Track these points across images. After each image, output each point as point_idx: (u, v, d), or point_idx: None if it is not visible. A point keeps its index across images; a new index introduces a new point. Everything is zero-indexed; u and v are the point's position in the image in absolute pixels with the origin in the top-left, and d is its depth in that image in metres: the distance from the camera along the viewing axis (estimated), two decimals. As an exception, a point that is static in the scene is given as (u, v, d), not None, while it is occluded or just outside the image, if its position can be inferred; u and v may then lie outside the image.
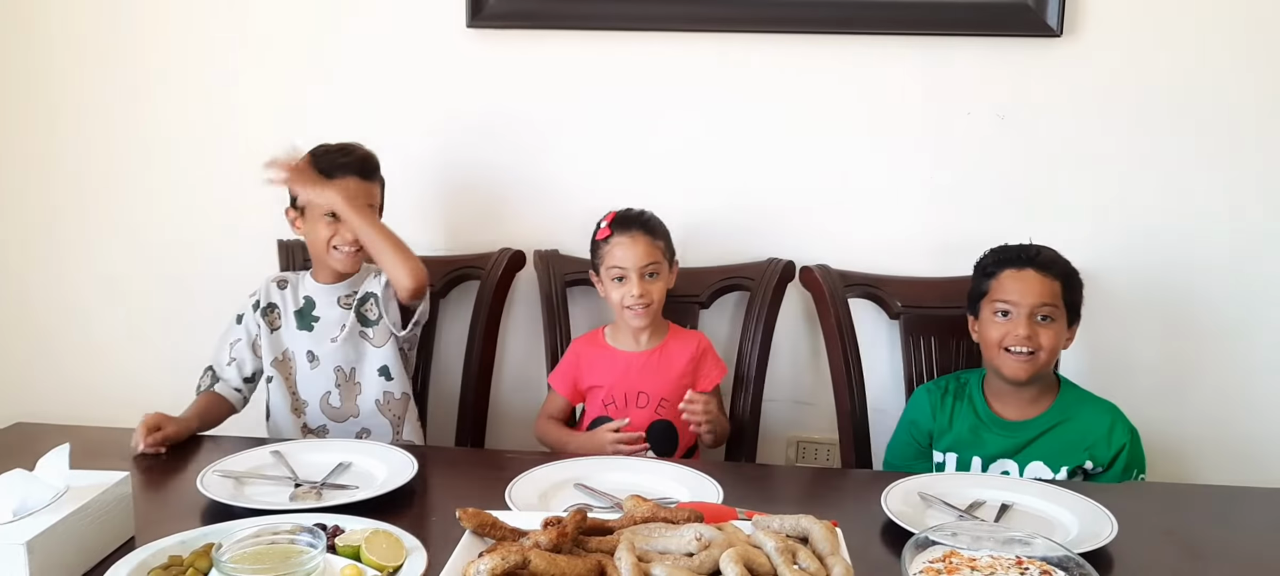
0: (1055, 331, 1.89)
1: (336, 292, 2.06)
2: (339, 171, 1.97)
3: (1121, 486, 1.79)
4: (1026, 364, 1.87)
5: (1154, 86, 2.18)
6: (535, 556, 1.15)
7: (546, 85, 2.31)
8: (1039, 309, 1.87)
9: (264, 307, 2.06)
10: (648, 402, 2.10)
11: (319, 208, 1.97)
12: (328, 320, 2.05)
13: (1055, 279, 1.90)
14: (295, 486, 1.59)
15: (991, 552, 1.28)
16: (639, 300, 2.03)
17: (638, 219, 2.08)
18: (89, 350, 2.54)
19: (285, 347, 2.06)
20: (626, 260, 2.03)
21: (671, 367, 2.11)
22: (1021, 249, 1.94)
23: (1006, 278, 1.92)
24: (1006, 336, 1.88)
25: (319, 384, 2.04)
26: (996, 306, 1.91)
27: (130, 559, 1.24)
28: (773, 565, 1.19)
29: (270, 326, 2.06)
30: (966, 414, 1.96)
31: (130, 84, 2.41)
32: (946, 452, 1.95)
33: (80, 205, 2.48)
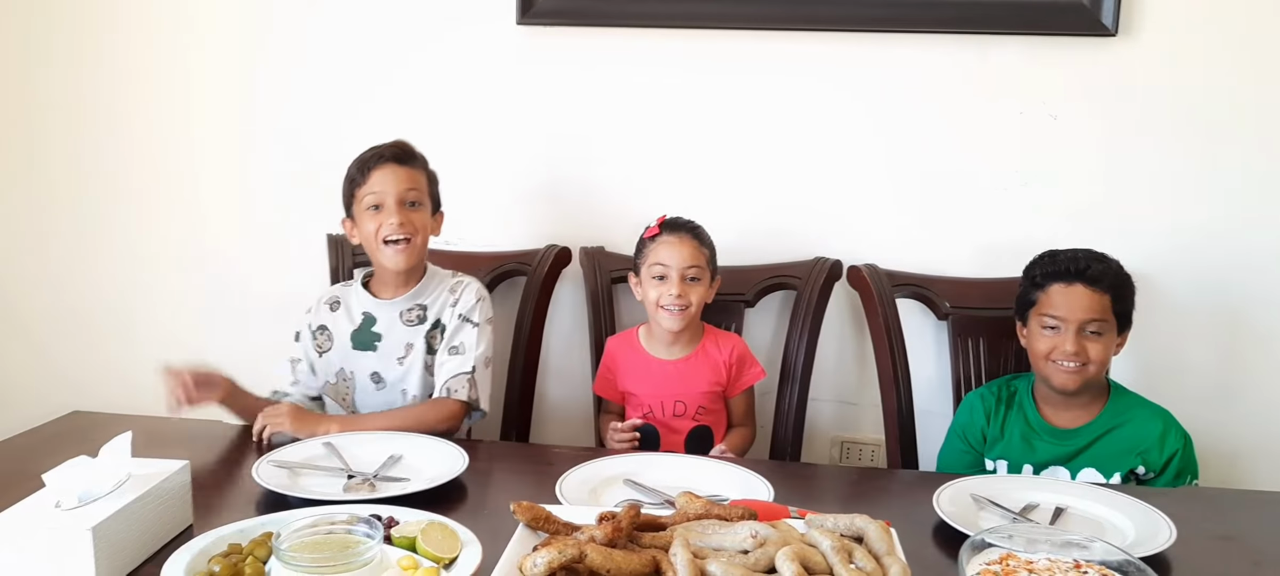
0: (1104, 343, 1.86)
1: (398, 307, 2.00)
2: (374, 163, 1.94)
3: (1177, 491, 1.76)
4: (1075, 376, 1.85)
5: (1210, 87, 2.15)
6: (592, 551, 1.15)
7: (595, 82, 2.32)
8: (1088, 324, 1.85)
9: (317, 329, 2.03)
10: (685, 411, 2.09)
11: (362, 207, 1.94)
12: (390, 338, 2.00)
13: (1104, 292, 1.87)
14: (348, 477, 1.60)
15: (1049, 555, 1.26)
16: (676, 301, 2.02)
17: (687, 224, 2.07)
18: (140, 341, 2.58)
19: (341, 368, 2.02)
20: (670, 259, 2.03)
21: (708, 373, 2.11)
22: (1071, 260, 1.90)
23: (1055, 292, 1.89)
24: (1054, 350, 1.86)
25: (383, 406, 1.99)
26: (1045, 320, 1.89)
27: (191, 546, 1.26)
28: (829, 564, 1.18)
29: (320, 349, 2.02)
30: (1017, 421, 1.94)
31: (187, 82, 2.45)
32: (998, 460, 1.93)
33: (133, 200, 2.53)
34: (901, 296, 2.22)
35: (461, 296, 2.01)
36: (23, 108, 2.52)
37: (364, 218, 1.95)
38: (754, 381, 2.13)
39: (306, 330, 2.04)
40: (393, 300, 2.01)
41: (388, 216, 1.92)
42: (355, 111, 2.39)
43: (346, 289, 2.07)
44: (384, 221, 1.92)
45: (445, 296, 2.02)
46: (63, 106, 2.50)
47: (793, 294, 2.26)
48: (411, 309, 2.01)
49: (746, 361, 2.13)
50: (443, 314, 2.01)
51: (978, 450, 1.97)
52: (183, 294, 2.55)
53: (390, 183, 1.93)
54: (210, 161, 2.48)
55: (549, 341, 2.38)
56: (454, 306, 2.00)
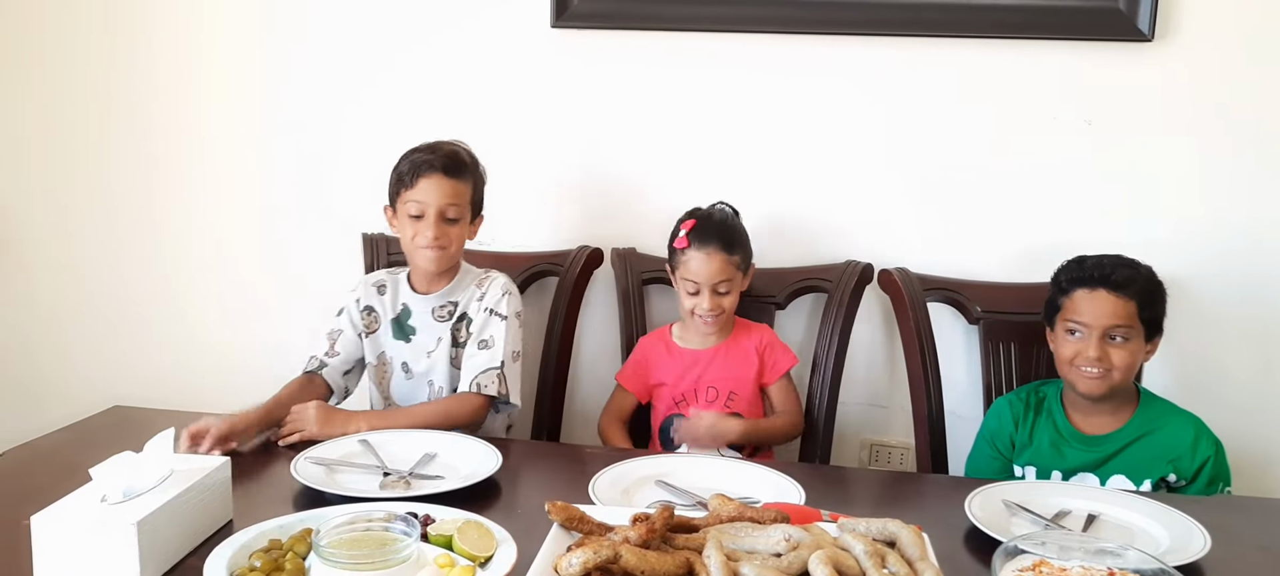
0: (1129, 350, 1.84)
1: (432, 303, 2.04)
2: (423, 170, 1.94)
3: (1211, 499, 1.75)
4: (1098, 382, 1.84)
5: (1246, 93, 2.13)
6: (626, 551, 1.17)
7: (628, 85, 2.33)
8: (1111, 330, 1.83)
9: (364, 309, 2.06)
10: (717, 396, 2.11)
11: (405, 208, 1.96)
12: (423, 332, 2.04)
13: (1130, 299, 1.84)
14: (384, 475, 1.62)
15: (1082, 563, 1.26)
16: (709, 313, 2.06)
17: (717, 231, 2.07)
18: (180, 337, 2.62)
19: (382, 351, 2.07)
20: (700, 275, 2.05)
21: (740, 361, 2.13)
22: (1097, 266, 1.88)
23: (1079, 297, 1.87)
24: (1078, 356, 1.85)
25: (413, 394, 2.05)
26: (1069, 325, 1.88)
27: (233, 541, 1.28)
28: (861, 568, 1.19)
29: (368, 329, 2.06)
30: (1046, 428, 1.93)
31: (223, 81, 2.49)
32: (1026, 467, 1.92)
33: (163, 195, 2.57)
34: (933, 300, 2.21)
35: (488, 290, 2.03)
36: (48, 108, 2.58)
37: (404, 219, 1.98)
38: (788, 366, 2.14)
39: (354, 305, 2.06)
40: (428, 295, 2.04)
41: (425, 228, 1.94)
42: (392, 113, 2.41)
43: (392, 276, 2.10)
44: (421, 231, 1.95)
45: (473, 290, 2.04)
46: (88, 106, 2.55)
47: (824, 296, 2.26)
48: (444, 305, 2.04)
49: (777, 347, 2.15)
50: (469, 307, 2.03)
51: (1006, 457, 1.96)
52: (213, 288, 2.59)
53: (434, 195, 1.94)
54: (243, 158, 2.52)
55: (581, 342, 2.40)
56: (480, 300, 2.02)
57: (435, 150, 1.98)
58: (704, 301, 2.05)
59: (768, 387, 2.15)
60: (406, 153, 2.00)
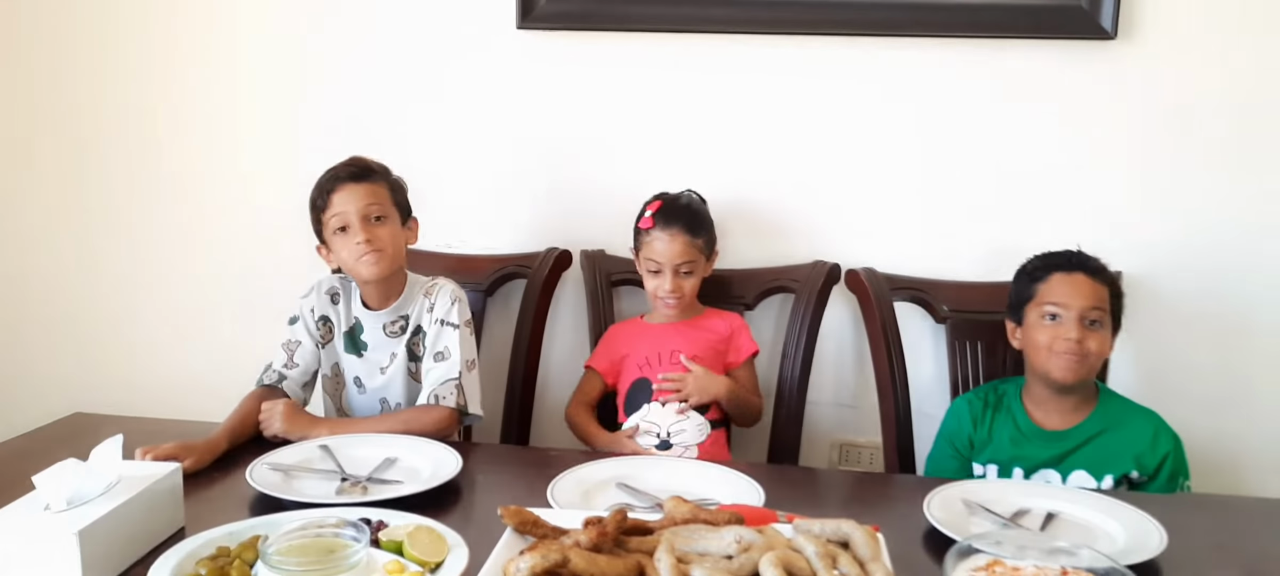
0: (1103, 337, 1.86)
1: (382, 319, 2.00)
2: (332, 185, 1.92)
3: (1170, 497, 1.75)
4: (1077, 365, 1.84)
5: (1209, 90, 2.14)
6: (575, 555, 1.16)
7: (595, 86, 2.32)
8: (1089, 311, 1.85)
9: (319, 318, 2.02)
10: (680, 363, 2.12)
11: (330, 231, 1.93)
12: (376, 348, 2.01)
13: (1104, 284, 1.88)
14: (342, 480, 1.61)
15: (1036, 562, 1.26)
16: (670, 294, 2.09)
17: (682, 213, 2.09)
18: (142, 344, 2.60)
19: (336, 362, 2.04)
20: (663, 256, 2.07)
21: (708, 337, 2.15)
22: (1068, 253, 1.92)
23: (1056, 281, 1.89)
24: (1056, 339, 1.85)
25: (365, 408, 2.03)
26: (1045, 310, 1.88)
27: (179, 549, 1.26)
28: (813, 569, 1.18)
29: (323, 339, 2.02)
30: (1006, 425, 1.93)
31: (181, 88, 2.47)
32: (987, 464, 1.92)
33: (132, 202, 2.55)
34: (900, 299, 2.21)
35: (437, 300, 2.00)
36: (14, 113, 2.55)
37: (335, 242, 1.93)
38: (751, 353, 2.16)
39: (309, 314, 2.02)
40: (379, 312, 2.00)
41: (354, 234, 1.90)
42: (356, 117, 2.40)
43: (345, 284, 2.05)
44: (349, 241, 1.91)
45: (421, 301, 2.01)
46: (45, 116, 2.53)
47: (791, 297, 2.26)
48: (395, 321, 2.01)
49: (744, 332, 2.18)
50: (421, 319, 2.00)
51: (965, 456, 1.96)
52: (177, 295, 2.57)
53: (351, 202, 1.91)
54: (206, 164, 2.50)
55: (550, 344, 2.39)
56: (431, 311, 1.99)
57: (340, 165, 1.96)
58: (665, 282, 2.07)
59: (732, 370, 2.16)
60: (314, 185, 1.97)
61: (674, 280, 2.08)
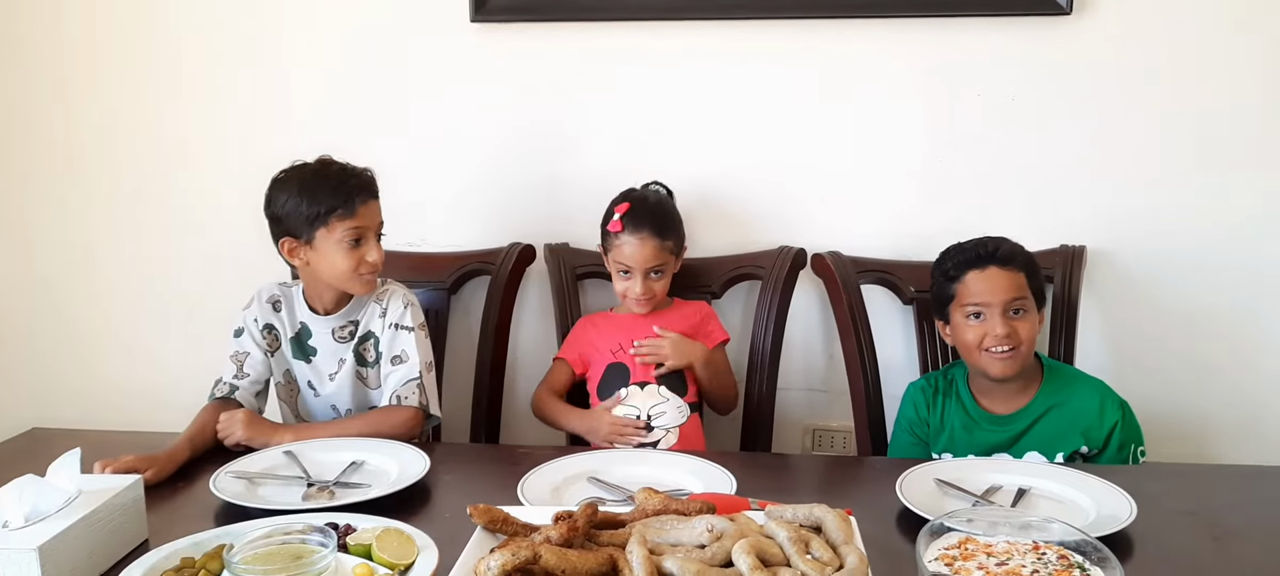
0: (1029, 322, 1.86)
1: (331, 324, 1.97)
2: (362, 196, 1.87)
3: (1140, 468, 1.76)
4: (1010, 360, 1.84)
5: (1164, 65, 2.15)
6: (546, 551, 1.15)
7: (552, 78, 2.30)
8: (1011, 304, 1.84)
9: (264, 327, 1.99)
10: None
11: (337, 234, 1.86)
12: (325, 353, 1.98)
13: (1018, 271, 1.87)
14: (308, 486, 1.59)
15: (1008, 538, 1.26)
16: (641, 296, 2.07)
17: (651, 216, 2.07)
18: (102, 358, 2.55)
19: (287, 369, 2.01)
20: (633, 260, 2.05)
21: (678, 321, 2.14)
22: (978, 246, 1.90)
23: (971, 279, 1.88)
24: (985, 338, 1.84)
25: (320, 414, 2.01)
26: (968, 309, 1.87)
27: (142, 562, 1.24)
28: (785, 555, 1.18)
29: (270, 348, 1.99)
30: (956, 411, 1.94)
31: (137, 89, 2.42)
32: (943, 453, 1.92)
33: (84, 215, 2.50)
34: (866, 282, 2.22)
35: (389, 305, 1.97)
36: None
37: (334, 247, 1.87)
38: (722, 339, 2.15)
39: (253, 325, 1.99)
40: (327, 317, 1.97)
41: (370, 251, 1.88)
42: (310, 116, 2.36)
43: (285, 291, 2.02)
44: (365, 255, 1.88)
45: (372, 306, 1.98)
46: (7, 118, 2.47)
47: (758, 284, 2.25)
48: (344, 326, 1.98)
49: (713, 320, 2.18)
50: (371, 325, 1.97)
51: (924, 441, 1.97)
52: (141, 306, 2.52)
53: (371, 217, 1.89)
54: (163, 170, 2.45)
55: (516, 340, 2.37)
56: (383, 316, 1.97)
57: (353, 174, 1.90)
58: (636, 285, 2.06)
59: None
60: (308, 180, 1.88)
61: (644, 283, 2.06)
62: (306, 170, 1.89)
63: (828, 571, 1.14)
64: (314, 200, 1.86)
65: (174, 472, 1.68)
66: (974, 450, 1.89)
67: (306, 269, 1.92)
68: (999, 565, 1.20)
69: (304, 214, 1.86)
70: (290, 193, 1.87)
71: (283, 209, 1.88)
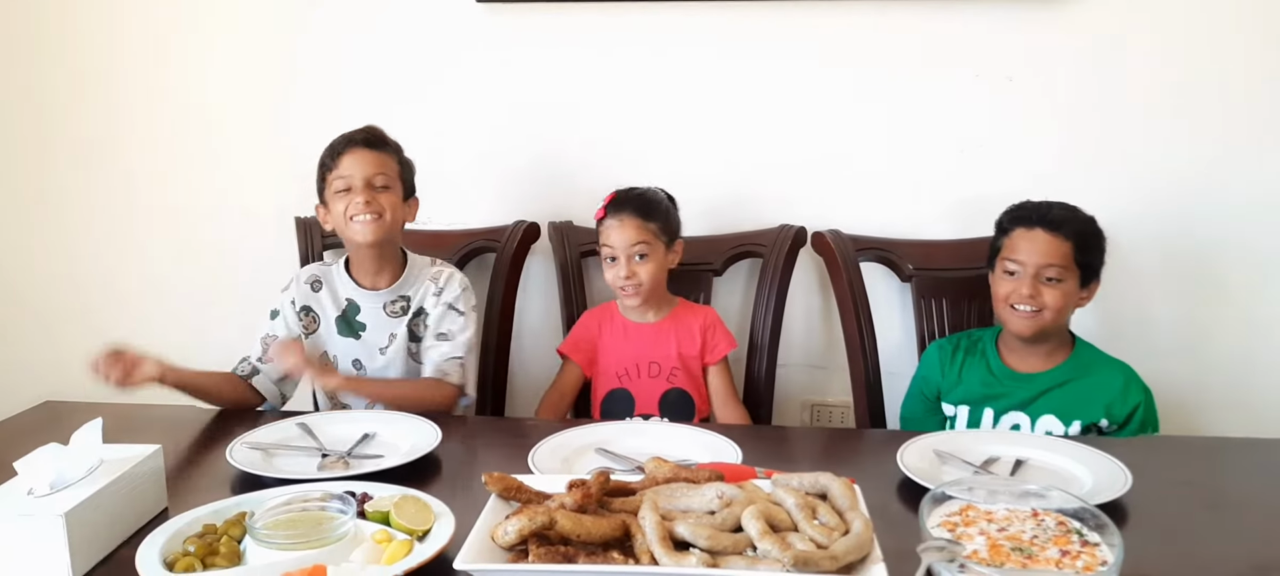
0: (1062, 291, 1.88)
1: (382, 298, 2.01)
2: (344, 147, 1.95)
3: (1135, 440, 1.80)
4: (1030, 321, 1.88)
5: (1161, 46, 2.18)
6: (561, 517, 1.18)
7: (558, 58, 2.33)
8: (1045, 269, 1.87)
9: (301, 309, 2.02)
10: (659, 372, 2.13)
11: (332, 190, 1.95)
12: (375, 328, 2.01)
13: (1066, 239, 1.88)
14: (323, 456, 1.62)
15: (1008, 505, 1.30)
16: (626, 281, 2.06)
17: (633, 199, 2.08)
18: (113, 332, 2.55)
19: (325, 350, 2.03)
20: (616, 242, 2.06)
21: (683, 338, 2.14)
22: (1037, 206, 1.94)
23: (1017, 236, 1.92)
24: (1012, 294, 1.89)
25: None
26: (1006, 264, 1.92)
27: (166, 528, 1.27)
28: (793, 520, 1.21)
29: (307, 330, 2.01)
30: (979, 368, 1.97)
31: (145, 69, 2.45)
32: (958, 405, 1.96)
33: (97, 189, 2.52)
34: (865, 260, 2.25)
35: (445, 286, 2.03)
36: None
37: (335, 201, 1.96)
38: (728, 349, 2.16)
39: (289, 307, 2.02)
40: (377, 291, 2.01)
41: (355, 197, 1.93)
42: (320, 96, 2.39)
43: (327, 270, 2.05)
44: (351, 201, 1.93)
45: (427, 285, 2.03)
46: (17, 94, 2.49)
47: (759, 262, 2.28)
48: (395, 300, 2.02)
49: (719, 328, 2.16)
50: (425, 302, 2.02)
51: (931, 398, 2.01)
52: (146, 281, 2.55)
53: (358, 166, 1.94)
54: (173, 147, 2.47)
55: (521, 317, 2.40)
56: (438, 295, 2.02)
57: (353, 131, 1.99)
58: (620, 269, 2.06)
59: (708, 367, 2.16)
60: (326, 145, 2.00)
61: (628, 266, 2.05)
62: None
63: (835, 536, 1.17)
64: (321, 164, 1.98)
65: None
66: (991, 405, 1.93)
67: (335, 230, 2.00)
68: (1000, 531, 1.23)
69: (319, 175, 1.99)
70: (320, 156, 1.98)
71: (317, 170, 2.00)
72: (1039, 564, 1.15)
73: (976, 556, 1.16)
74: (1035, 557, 1.16)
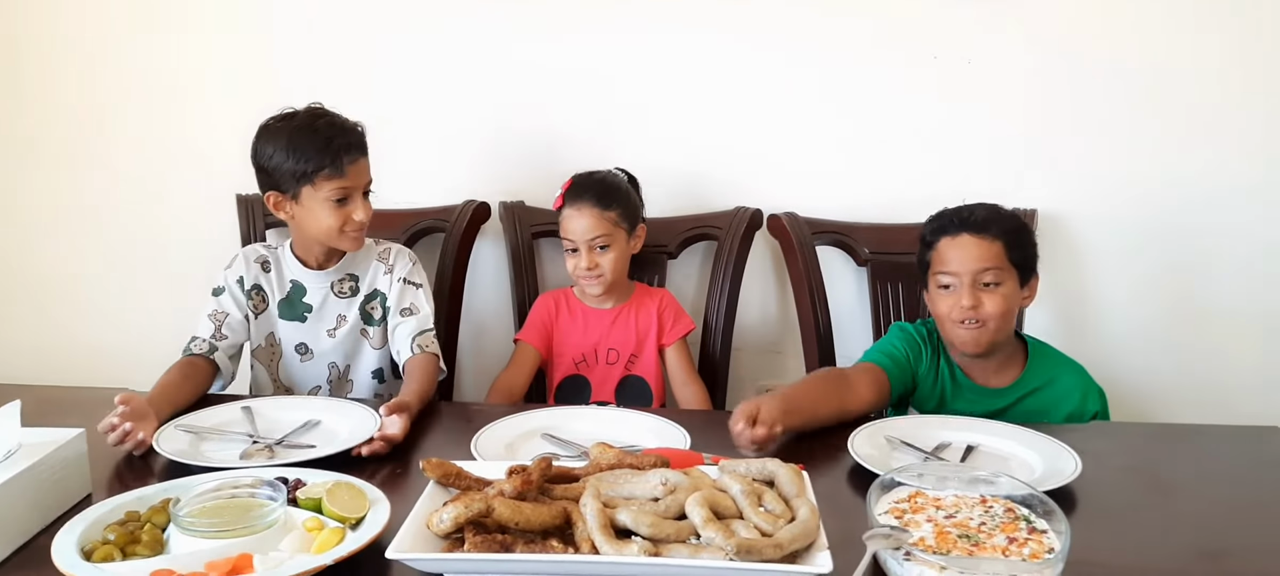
0: (1002, 296, 1.76)
1: (328, 277, 1.94)
2: (349, 156, 1.81)
3: (1086, 426, 1.78)
4: (976, 334, 1.76)
5: (1119, 31, 2.17)
6: (499, 504, 1.14)
7: (511, 34, 2.27)
8: (981, 275, 1.75)
9: (251, 288, 1.94)
10: (618, 359, 2.10)
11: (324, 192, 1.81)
12: (322, 310, 1.95)
13: (995, 239, 1.76)
14: (252, 443, 1.56)
15: (956, 492, 1.28)
16: (588, 272, 2.03)
17: (592, 187, 2.04)
18: (49, 314, 2.50)
19: (271, 332, 1.97)
20: (576, 233, 2.03)
21: (640, 324, 2.12)
22: (957, 212, 1.81)
23: (944, 246, 1.79)
24: (953, 309, 1.77)
25: (309, 377, 1.97)
26: (939, 278, 1.80)
27: (86, 515, 1.21)
28: (738, 508, 1.19)
29: (255, 310, 1.94)
30: (945, 372, 1.87)
31: (90, 44, 2.37)
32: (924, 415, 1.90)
33: (37, 165, 2.44)
34: (821, 243, 2.22)
35: (395, 263, 1.98)
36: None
37: (320, 204, 1.82)
38: (685, 331, 2.13)
39: (236, 285, 1.94)
40: (323, 271, 1.95)
41: (356, 209, 1.84)
42: (262, 71, 2.32)
43: (273, 252, 1.98)
44: (351, 215, 1.84)
45: (376, 264, 1.97)
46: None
47: (715, 244, 2.25)
48: (342, 280, 1.96)
49: (675, 310, 2.15)
50: (377, 282, 1.97)
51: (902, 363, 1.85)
52: (93, 260, 2.48)
53: (358, 177, 1.84)
54: (116, 124, 2.40)
55: (470, 299, 2.35)
56: (390, 273, 1.97)
57: (343, 130, 1.84)
58: (582, 260, 2.03)
59: (665, 348, 2.14)
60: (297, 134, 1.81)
61: (589, 256, 2.02)
62: (295, 123, 1.83)
63: (779, 523, 1.14)
64: (301, 157, 1.80)
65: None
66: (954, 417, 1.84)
67: (292, 221, 1.89)
68: (947, 517, 1.21)
69: (290, 170, 1.81)
70: (278, 146, 1.81)
71: (269, 162, 1.83)
72: (985, 551, 1.13)
73: (923, 543, 1.14)
74: (982, 545, 1.14)
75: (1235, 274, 2.24)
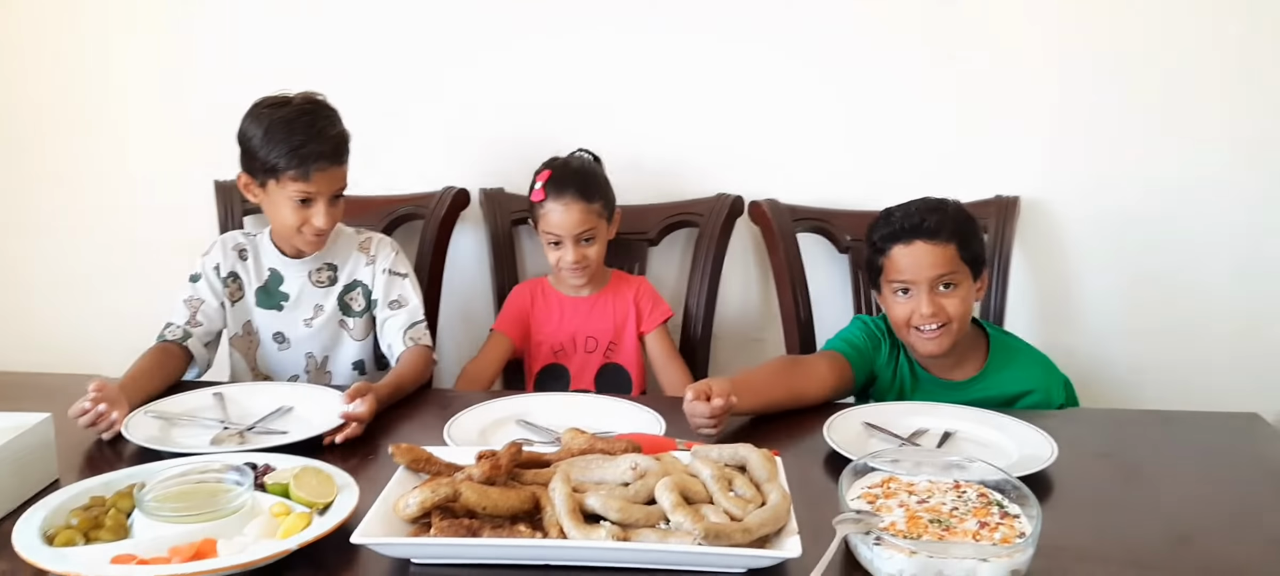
0: (960, 297, 1.75)
1: (305, 267, 1.92)
2: (316, 163, 1.77)
3: (1062, 413, 1.78)
4: (939, 340, 1.75)
5: (1103, 20, 2.16)
6: (467, 489, 1.13)
7: (488, 20, 2.26)
8: (939, 280, 1.74)
9: (227, 275, 1.92)
10: (596, 347, 2.09)
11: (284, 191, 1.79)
12: (299, 299, 1.93)
13: (948, 243, 1.74)
14: (223, 429, 1.55)
15: (930, 477, 1.28)
16: (573, 266, 2.02)
17: (573, 179, 2.01)
18: (18, 296, 2.48)
19: (248, 320, 1.95)
20: (561, 227, 2.00)
21: (617, 312, 2.11)
22: (906, 217, 1.77)
23: (897, 254, 1.76)
24: (913, 315, 1.75)
25: (286, 366, 1.96)
26: (894, 285, 1.78)
27: (49, 500, 1.20)
28: (708, 492, 1.18)
29: (232, 298, 1.93)
30: (904, 367, 1.86)
31: (64, 31, 2.34)
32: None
33: (14, 151, 2.42)
34: (802, 231, 2.22)
35: (378, 253, 1.96)
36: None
37: (284, 201, 1.80)
38: (664, 317, 2.13)
39: (212, 272, 1.92)
40: (300, 260, 1.93)
41: (317, 216, 1.81)
42: (240, 57, 2.30)
43: (251, 239, 1.96)
44: (311, 217, 1.81)
45: (356, 255, 1.95)
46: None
47: (696, 231, 2.24)
48: (320, 268, 1.94)
49: (653, 297, 2.14)
50: (358, 273, 1.95)
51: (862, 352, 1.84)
52: (71, 247, 2.45)
53: (326, 184, 1.80)
54: (91, 112, 2.38)
55: (449, 287, 2.33)
56: (372, 265, 1.95)
57: (319, 135, 1.79)
58: (568, 254, 2.01)
59: (645, 336, 2.13)
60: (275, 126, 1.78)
61: (576, 250, 2.00)
62: (280, 114, 1.79)
63: (749, 508, 1.14)
64: (272, 152, 1.78)
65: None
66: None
67: (262, 206, 1.87)
68: (920, 503, 1.21)
69: (261, 159, 1.79)
70: (258, 132, 1.79)
71: (248, 144, 1.82)
72: (957, 536, 1.13)
73: (893, 528, 1.14)
74: (953, 529, 1.14)
75: (1213, 263, 2.23)
